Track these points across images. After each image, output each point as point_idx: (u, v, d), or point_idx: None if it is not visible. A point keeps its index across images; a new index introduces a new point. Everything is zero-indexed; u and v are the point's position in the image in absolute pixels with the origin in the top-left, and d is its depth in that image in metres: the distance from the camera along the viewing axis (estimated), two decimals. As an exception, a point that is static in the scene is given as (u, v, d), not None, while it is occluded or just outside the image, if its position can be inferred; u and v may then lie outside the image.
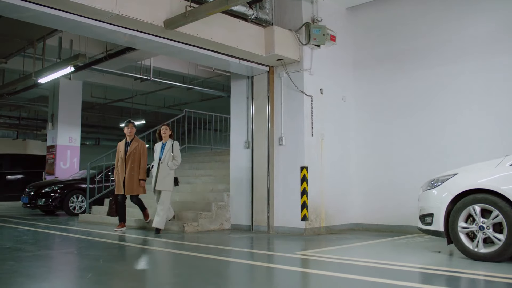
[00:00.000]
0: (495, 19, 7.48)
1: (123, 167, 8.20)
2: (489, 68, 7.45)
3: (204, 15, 6.11)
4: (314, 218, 7.89)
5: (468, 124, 7.59)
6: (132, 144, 8.33)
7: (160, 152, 8.05)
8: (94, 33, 6.74)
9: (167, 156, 7.95)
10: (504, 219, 4.78)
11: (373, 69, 8.83)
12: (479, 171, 5.27)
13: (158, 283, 4.14)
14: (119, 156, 8.37)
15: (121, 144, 8.45)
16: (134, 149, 8.25)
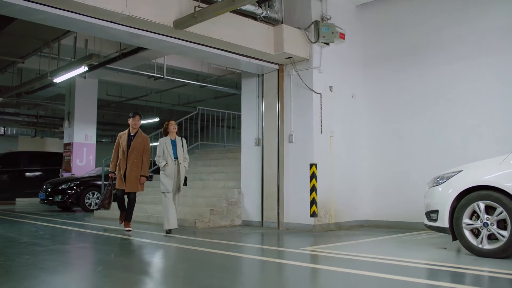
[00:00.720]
0: (506, 13, 7.45)
1: (125, 161, 7.64)
2: (502, 64, 7.42)
3: (212, 15, 6.23)
4: (324, 215, 7.97)
5: (479, 120, 7.58)
6: (137, 138, 7.75)
7: (173, 150, 7.53)
8: (106, 34, 6.92)
9: (181, 156, 7.55)
10: (508, 216, 4.81)
11: (383, 66, 8.87)
12: (483, 168, 5.30)
13: (166, 277, 4.28)
14: (119, 148, 7.75)
15: (123, 136, 7.82)
16: (138, 143, 7.70)
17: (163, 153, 7.45)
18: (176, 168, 7.45)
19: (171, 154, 7.48)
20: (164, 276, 4.35)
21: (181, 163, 7.48)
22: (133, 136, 7.77)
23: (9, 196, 16.82)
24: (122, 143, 7.74)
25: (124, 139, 7.75)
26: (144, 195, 10.86)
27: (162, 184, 7.40)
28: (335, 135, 8.36)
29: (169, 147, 7.50)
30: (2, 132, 21.42)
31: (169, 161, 7.43)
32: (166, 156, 7.43)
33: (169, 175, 7.40)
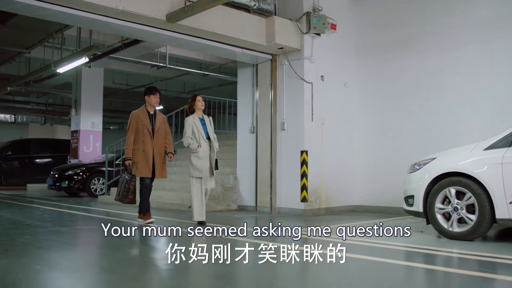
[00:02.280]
0: (496, 3, 7.62)
1: (151, 143, 6.58)
2: (491, 53, 7.61)
3: (201, 9, 6.53)
4: (314, 200, 8.29)
5: (470, 109, 7.78)
6: (158, 117, 6.80)
7: (204, 129, 6.75)
8: (103, 28, 7.27)
9: (212, 135, 6.81)
10: (476, 201, 5.10)
11: (375, 56, 9.10)
12: (455, 156, 5.58)
13: (151, 253, 4.65)
14: (142, 129, 6.58)
15: (143, 114, 6.68)
16: (161, 123, 6.78)
17: (193, 133, 6.68)
18: (209, 149, 6.73)
19: (202, 134, 6.69)
20: (150, 252, 4.71)
21: (214, 143, 6.75)
22: (153, 115, 6.77)
23: (20, 182, 17.40)
24: (145, 124, 6.60)
25: (145, 118, 6.64)
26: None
27: (194, 168, 6.62)
28: (327, 123, 8.65)
29: (199, 126, 6.71)
30: (13, 119, 21.99)
31: (202, 142, 6.65)
32: (197, 137, 6.66)
33: (203, 158, 6.64)
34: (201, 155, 6.63)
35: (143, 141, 6.55)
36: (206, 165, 6.66)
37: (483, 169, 5.11)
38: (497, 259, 4.32)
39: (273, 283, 3.60)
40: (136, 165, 6.56)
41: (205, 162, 6.66)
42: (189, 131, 6.67)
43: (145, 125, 6.59)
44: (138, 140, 6.58)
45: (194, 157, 6.64)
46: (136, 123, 6.62)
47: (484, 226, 5.07)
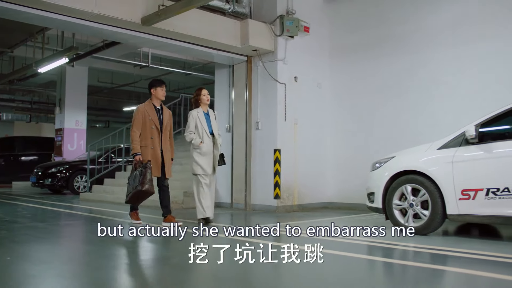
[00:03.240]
0: (460, 7, 7.92)
1: (159, 140, 6.21)
2: (455, 55, 7.91)
3: (174, 13, 6.78)
4: (287, 197, 8.59)
5: (436, 108, 8.07)
6: (165, 113, 6.40)
7: (208, 124, 6.46)
8: (80, 30, 7.54)
9: (216, 130, 6.54)
10: (429, 197, 5.40)
11: (347, 57, 9.40)
12: (412, 155, 5.89)
13: (124, 247, 4.90)
14: (150, 125, 6.16)
15: (150, 109, 6.24)
16: (168, 119, 6.40)
17: (196, 128, 6.40)
18: (212, 145, 6.46)
19: (206, 129, 6.40)
20: (123, 247, 4.97)
21: (217, 139, 6.49)
22: (160, 110, 6.37)
23: (6, 180, 17.53)
24: (153, 119, 6.20)
25: (152, 113, 6.22)
26: (125, 178, 11.49)
27: (196, 165, 6.36)
28: (300, 122, 8.94)
29: (203, 120, 6.42)
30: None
31: (205, 137, 6.37)
32: (200, 132, 6.37)
33: (206, 154, 6.38)
34: (204, 152, 6.34)
35: (151, 137, 6.14)
36: (209, 162, 6.39)
37: (435, 168, 5.41)
38: (448, 252, 4.60)
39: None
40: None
41: (209, 159, 6.38)
42: (192, 125, 6.38)
43: (152, 120, 6.17)
44: (145, 136, 6.14)
45: (196, 153, 6.36)
46: (143, 118, 6.17)
47: (437, 221, 5.38)
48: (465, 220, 5.34)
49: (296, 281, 3.53)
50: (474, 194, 5.11)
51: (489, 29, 7.57)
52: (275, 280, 3.63)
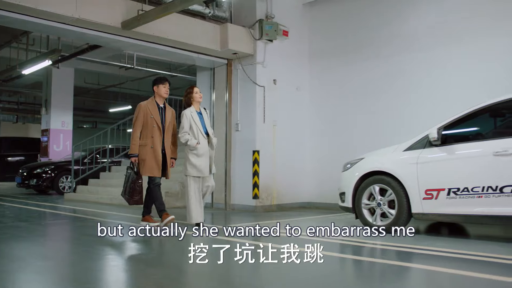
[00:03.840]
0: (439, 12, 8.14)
1: (161, 140, 6.09)
2: (430, 60, 8.15)
3: (153, 18, 6.97)
4: (265, 197, 8.80)
5: (411, 111, 8.30)
6: (168, 111, 6.25)
7: (202, 123, 6.29)
8: (61, 34, 7.70)
9: (210, 130, 6.39)
10: (396, 197, 5.65)
11: (327, 60, 9.63)
12: (380, 156, 6.13)
13: (101, 246, 5.08)
14: (151, 123, 6.02)
15: (152, 107, 6.11)
16: (171, 118, 6.28)
17: (191, 129, 6.21)
18: (207, 145, 6.29)
19: (201, 129, 6.23)
20: (100, 245, 5.15)
21: (213, 138, 6.36)
22: (163, 108, 6.23)
23: (-8, 180, 17.61)
24: (155, 118, 6.06)
25: (154, 112, 6.08)
26: (109, 179, 11.68)
27: (192, 167, 6.17)
28: (279, 124, 9.15)
29: (197, 120, 6.23)
30: (-16, 118, 22.15)
31: (201, 138, 6.19)
32: (195, 132, 6.19)
33: (202, 155, 6.18)
34: (200, 153, 6.15)
35: (152, 136, 6.00)
36: (206, 163, 6.21)
37: (401, 168, 5.65)
38: (413, 249, 4.79)
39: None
40: (144, 163, 6.00)
41: (205, 160, 6.20)
42: (186, 125, 6.16)
43: (154, 119, 6.03)
44: (146, 135, 6.00)
45: (192, 154, 6.15)
46: (144, 116, 6.03)
47: (402, 220, 5.61)
48: (428, 219, 5.58)
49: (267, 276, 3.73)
50: (436, 194, 5.36)
51: (464, 34, 7.80)
52: (247, 277, 3.83)
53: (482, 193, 5.01)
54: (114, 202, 10.13)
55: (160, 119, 6.09)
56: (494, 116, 5.46)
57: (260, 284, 3.61)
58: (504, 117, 5.44)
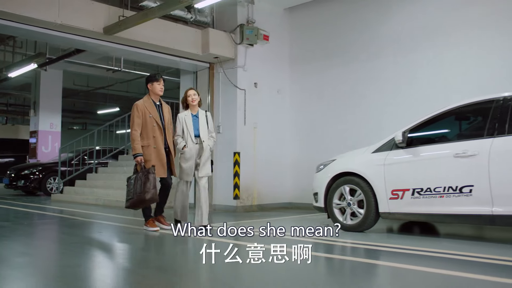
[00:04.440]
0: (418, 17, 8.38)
1: (163, 138, 5.96)
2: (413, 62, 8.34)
3: (133, 24, 7.18)
4: (246, 197, 9.03)
5: (392, 113, 8.48)
6: (165, 108, 6.16)
7: (194, 127, 6.18)
8: (45, 39, 7.91)
9: (205, 133, 6.21)
10: (364, 197, 5.89)
11: (307, 64, 9.87)
12: (350, 157, 6.37)
13: (81, 243, 5.29)
14: (151, 123, 5.87)
15: (149, 106, 5.96)
16: (168, 114, 6.20)
17: (183, 132, 6.13)
18: (197, 149, 6.16)
19: (191, 133, 6.10)
20: (80, 243, 5.36)
21: (205, 141, 6.15)
22: (160, 106, 6.12)
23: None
24: (153, 116, 5.92)
25: (152, 110, 5.93)
26: (96, 180, 11.86)
27: (182, 171, 6.21)
28: (259, 126, 9.39)
29: (189, 124, 6.12)
30: (-26, 119, 22.24)
31: (189, 141, 6.09)
32: (185, 135, 6.11)
33: (189, 159, 6.10)
34: (187, 157, 6.08)
35: (153, 136, 5.84)
36: (191, 167, 6.15)
37: (369, 169, 5.88)
38: (380, 247, 5.03)
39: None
40: (149, 165, 5.80)
41: (190, 164, 6.12)
42: (179, 129, 6.12)
43: (153, 117, 5.88)
44: (147, 135, 5.83)
45: (182, 158, 6.12)
46: (143, 116, 5.86)
47: (370, 219, 5.85)
48: (394, 218, 5.82)
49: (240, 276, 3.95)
50: (402, 194, 5.60)
51: (440, 38, 8.04)
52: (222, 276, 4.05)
53: (443, 193, 5.25)
54: (99, 203, 10.33)
55: (159, 117, 5.96)
56: (458, 119, 5.71)
57: (228, 281, 3.80)
58: (466, 120, 5.69)
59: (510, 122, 4.99)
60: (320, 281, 3.73)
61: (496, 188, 4.89)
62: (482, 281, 3.50)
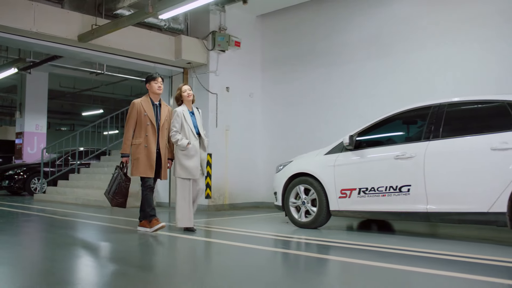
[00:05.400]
0: (385, 23, 8.76)
1: (156, 138, 5.89)
2: (379, 66, 8.73)
3: (105, 32, 7.57)
4: (218, 197, 9.44)
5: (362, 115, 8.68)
6: (163, 108, 6.08)
7: (194, 123, 6.11)
8: (21, 46, 8.31)
9: (202, 130, 6.19)
10: (317, 196, 6.31)
11: (278, 68, 10.30)
12: (305, 159, 6.79)
13: (59, 241, 5.66)
14: (145, 121, 5.83)
15: (146, 104, 5.93)
16: (166, 116, 6.08)
17: (182, 128, 6.01)
18: (199, 146, 6.10)
19: (192, 128, 6.03)
20: (58, 242, 5.74)
21: (205, 139, 6.19)
22: (158, 106, 6.06)
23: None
24: (148, 115, 5.86)
25: (148, 109, 5.89)
26: (77, 180, 12.23)
27: (182, 168, 5.98)
28: (231, 128, 9.81)
29: (189, 119, 6.04)
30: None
31: (192, 138, 5.99)
32: (186, 132, 5.99)
33: (193, 156, 5.98)
34: (191, 154, 5.94)
35: (146, 135, 5.79)
36: (196, 165, 6.01)
37: (322, 170, 6.31)
38: (331, 243, 5.36)
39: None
40: (137, 163, 5.78)
41: (196, 162, 6.01)
42: (178, 124, 5.96)
43: (148, 116, 5.83)
44: (140, 134, 5.80)
45: (182, 155, 5.94)
46: (137, 114, 5.84)
47: (322, 216, 6.28)
48: (343, 215, 6.23)
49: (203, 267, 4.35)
50: (350, 193, 6.03)
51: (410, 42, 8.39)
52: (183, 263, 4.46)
53: (385, 192, 5.69)
54: (78, 202, 10.71)
55: (154, 116, 5.88)
56: (401, 124, 6.12)
57: (192, 273, 4.21)
58: (407, 124, 6.11)
59: (444, 127, 5.43)
60: (276, 275, 3.94)
61: (430, 187, 5.33)
62: (424, 274, 3.73)
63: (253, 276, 3.78)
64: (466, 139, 5.22)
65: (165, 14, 6.67)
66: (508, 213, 4.80)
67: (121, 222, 7.48)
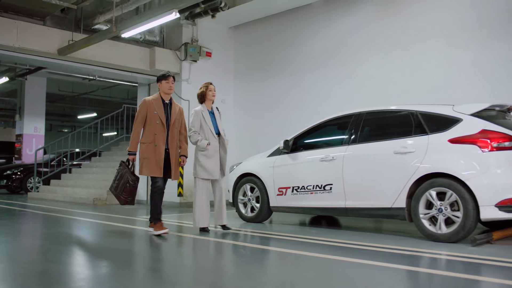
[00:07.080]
0: (348, 34, 9.42)
1: (165, 137, 5.83)
2: (346, 73, 9.33)
3: (81, 47, 8.46)
4: (189, 195, 10.28)
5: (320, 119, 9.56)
6: (174, 107, 6.04)
7: (213, 123, 6.15)
8: (6, 59, 9.23)
9: (222, 130, 6.25)
10: (260, 194, 7.14)
11: (249, 76, 11.12)
12: (252, 160, 7.61)
13: (46, 236, 6.52)
14: (155, 119, 5.79)
15: (156, 103, 5.90)
16: (177, 115, 6.05)
17: (201, 128, 6.01)
18: (218, 146, 6.16)
19: (212, 128, 6.05)
20: (45, 237, 6.62)
21: (225, 139, 6.26)
22: (169, 104, 6.01)
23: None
24: (159, 114, 5.82)
25: (159, 108, 5.85)
26: (68, 180, 13.16)
27: (201, 169, 6.00)
28: (203, 132, 10.62)
29: (208, 119, 6.05)
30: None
31: (211, 138, 6.02)
32: (206, 132, 6.01)
33: (212, 156, 6.01)
34: (210, 154, 5.97)
35: (155, 133, 5.73)
36: (216, 165, 6.07)
37: (263, 171, 7.13)
38: (272, 235, 6.11)
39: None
40: (147, 162, 5.76)
41: (215, 162, 6.06)
42: (197, 124, 5.97)
43: (158, 115, 5.78)
44: (149, 132, 5.76)
45: (202, 155, 5.95)
46: (147, 112, 5.81)
47: (264, 212, 7.11)
48: (280, 211, 7.05)
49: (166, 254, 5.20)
50: (285, 191, 6.85)
51: (377, 49, 8.94)
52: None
53: (313, 190, 6.50)
54: (66, 199, 11.63)
55: (164, 115, 5.84)
56: (328, 130, 6.89)
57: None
58: (334, 130, 6.88)
59: (361, 133, 6.24)
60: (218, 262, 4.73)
61: (347, 186, 6.13)
62: (352, 263, 4.29)
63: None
64: (376, 144, 6.02)
65: (127, 33, 7.56)
66: (406, 208, 5.60)
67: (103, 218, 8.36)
